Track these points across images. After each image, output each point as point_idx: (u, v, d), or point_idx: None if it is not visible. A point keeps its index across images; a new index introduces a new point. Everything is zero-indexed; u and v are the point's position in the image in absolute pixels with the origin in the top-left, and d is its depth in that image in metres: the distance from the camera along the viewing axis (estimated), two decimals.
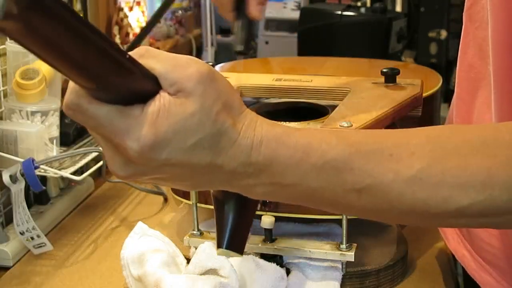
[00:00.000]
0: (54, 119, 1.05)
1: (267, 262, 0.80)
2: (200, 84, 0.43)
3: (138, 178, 0.47)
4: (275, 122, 0.49)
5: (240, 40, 1.02)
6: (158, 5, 2.15)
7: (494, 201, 0.45)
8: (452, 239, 0.84)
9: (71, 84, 0.43)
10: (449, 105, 0.91)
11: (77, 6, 1.23)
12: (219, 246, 0.55)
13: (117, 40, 1.38)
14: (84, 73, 0.41)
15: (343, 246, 0.81)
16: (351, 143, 0.47)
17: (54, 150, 1.05)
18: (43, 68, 1.01)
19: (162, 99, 0.43)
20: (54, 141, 1.06)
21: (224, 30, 2.44)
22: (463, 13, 0.75)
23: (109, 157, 0.45)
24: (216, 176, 0.47)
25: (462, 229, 0.81)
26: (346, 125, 0.76)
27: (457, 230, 0.83)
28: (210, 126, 0.44)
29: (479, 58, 0.71)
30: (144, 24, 1.75)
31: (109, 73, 0.41)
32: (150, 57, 0.44)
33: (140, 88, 0.43)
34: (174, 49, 1.91)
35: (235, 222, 0.55)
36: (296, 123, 0.90)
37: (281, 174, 0.46)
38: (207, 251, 0.80)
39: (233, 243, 0.55)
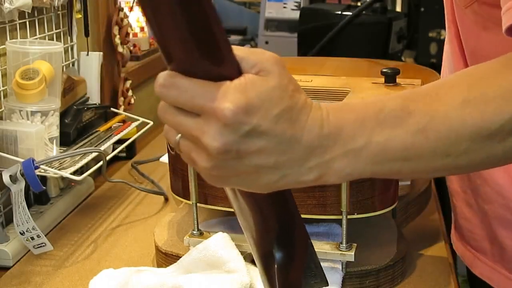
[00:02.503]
0: (54, 119, 1.05)
1: None
2: (277, 65, 0.49)
3: (228, 163, 0.48)
4: None
5: None
6: None
7: None
8: (457, 240, 0.92)
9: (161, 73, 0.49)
10: None
11: (77, 6, 1.23)
12: None
13: (117, 40, 1.38)
14: (198, 52, 0.46)
15: (343, 246, 0.82)
16: (400, 95, 0.52)
17: (54, 150, 1.05)
18: (43, 68, 1.01)
19: (246, 76, 0.48)
20: (54, 141, 1.06)
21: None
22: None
23: (202, 132, 0.47)
24: (296, 155, 0.49)
25: (459, 227, 0.90)
26: None
27: (456, 229, 0.91)
28: (288, 100, 0.48)
29: None
30: (144, 24, 1.75)
31: (215, 58, 0.47)
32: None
33: (230, 71, 0.48)
34: None
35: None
36: None
37: (351, 138, 0.49)
38: (221, 241, 0.80)
39: None
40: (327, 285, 0.65)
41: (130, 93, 1.45)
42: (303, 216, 0.82)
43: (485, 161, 0.52)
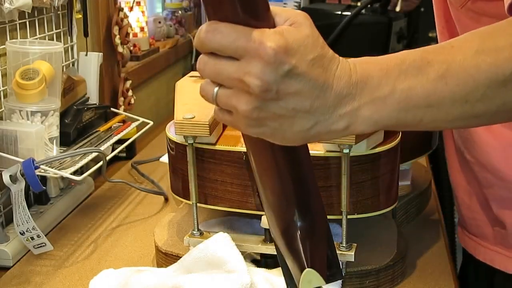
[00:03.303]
0: (54, 119, 1.05)
1: (277, 278, 0.80)
2: (308, 19, 0.53)
3: (268, 104, 0.51)
4: None
5: None
6: (158, 5, 2.15)
7: None
8: (460, 232, 0.98)
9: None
10: None
11: (77, 6, 1.23)
12: (302, 268, 0.59)
13: (117, 40, 1.38)
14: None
15: (343, 246, 0.82)
16: (418, 49, 0.55)
17: (54, 150, 1.05)
18: (43, 68, 1.01)
19: (282, 26, 0.52)
20: (54, 141, 1.06)
21: None
22: None
23: (245, 72, 0.50)
24: (328, 101, 0.52)
25: (461, 217, 0.96)
26: None
27: (460, 221, 0.98)
28: (320, 49, 0.52)
29: None
30: (144, 24, 1.76)
31: (254, 13, 0.51)
32: None
33: (266, 25, 0.52)
34: (174, 49, 1.91)
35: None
36: None
37: (377, 86, 0.53)
38: (221, 241, 0.80)
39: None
40: (342, 277, 0.65)
41: (130, 93, 1.45)
42: None
43: (501, 109, 0.54)
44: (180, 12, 2.08)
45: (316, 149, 0.80)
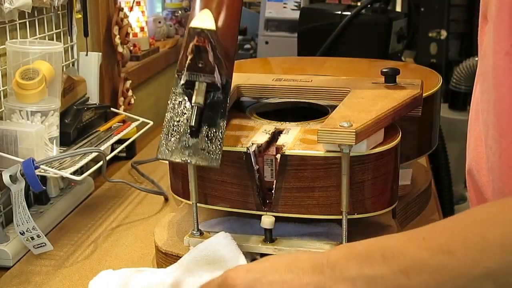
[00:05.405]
0: (54, 119, 1.05)
1: None
2: None
3: None
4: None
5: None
6: (158, 5, 2.15)
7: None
8: None
9: None
10: (449, 105, 0.90)
11: (77, 6, 1.23)
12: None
13: (117, 40, 1.38)
14: None
15: None
16: (393, 236, 0.59)
17: (54, 150, 1.05)
18: (43, 68, 1.01)
19: None
20: (54, 141, 1.06)
21: None
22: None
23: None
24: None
25: None
26: (346, 125, 0.76)
27: None
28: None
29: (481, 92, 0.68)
30: (144, 24, 1.76)
31: None
32: None
33: None
34: (174, 49, 1.91)
35: None
36: (296, 123, 0.90)
37: (346, 268, 0.58)
38: (222, 241, 0.80)
39: None
40: (217, 165, 0.72)
41: (130, 93, 1.45)
42: (303, 216, 0.83)
43: None
44: (180, 12, 2.08)
45: (316, 149, 0.80)
